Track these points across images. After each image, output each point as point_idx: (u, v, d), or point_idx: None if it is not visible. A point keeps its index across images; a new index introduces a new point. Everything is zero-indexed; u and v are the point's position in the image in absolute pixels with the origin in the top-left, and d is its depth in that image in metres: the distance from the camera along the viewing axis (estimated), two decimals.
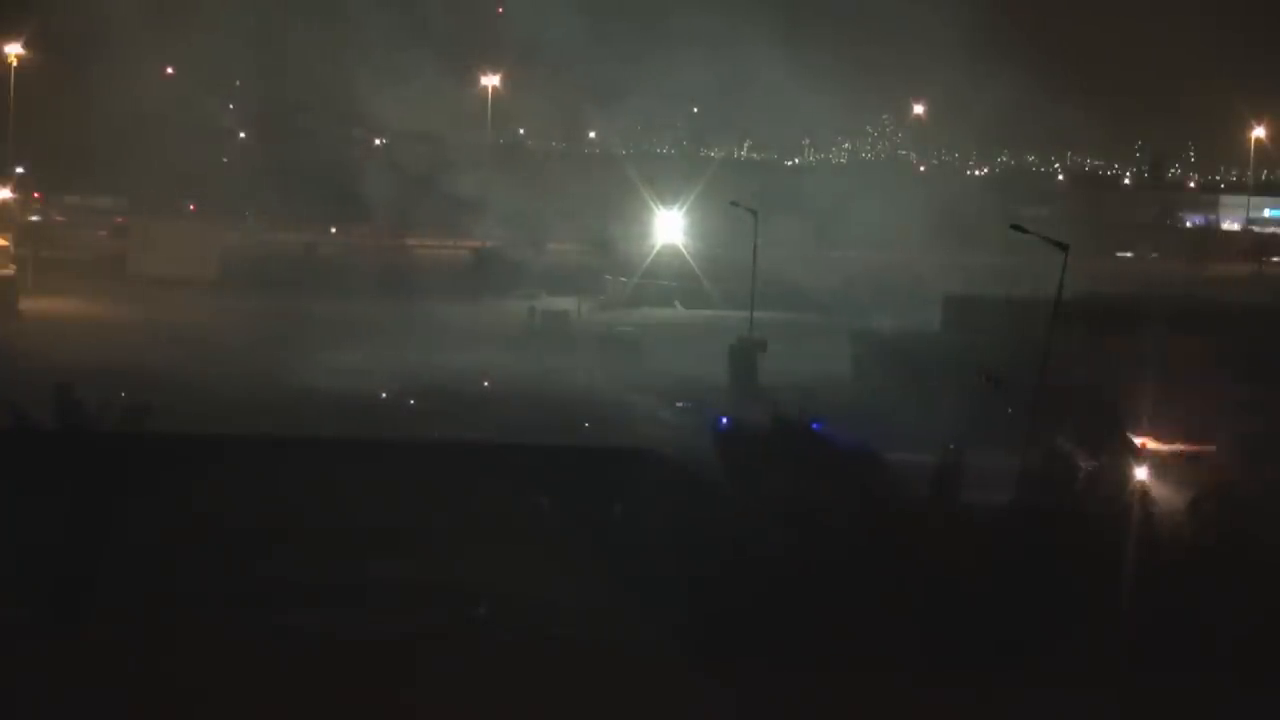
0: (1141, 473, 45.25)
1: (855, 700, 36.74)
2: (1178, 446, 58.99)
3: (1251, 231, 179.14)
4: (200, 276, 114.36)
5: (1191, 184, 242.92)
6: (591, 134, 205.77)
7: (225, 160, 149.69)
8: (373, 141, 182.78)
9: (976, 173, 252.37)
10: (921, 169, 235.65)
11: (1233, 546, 41.17)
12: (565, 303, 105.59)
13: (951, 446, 44.79)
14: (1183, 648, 38.67)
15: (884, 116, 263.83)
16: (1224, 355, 72.56)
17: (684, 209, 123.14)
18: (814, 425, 56.39)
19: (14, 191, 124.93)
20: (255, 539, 45.05)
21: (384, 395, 73.04)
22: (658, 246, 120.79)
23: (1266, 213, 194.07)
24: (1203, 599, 39.66)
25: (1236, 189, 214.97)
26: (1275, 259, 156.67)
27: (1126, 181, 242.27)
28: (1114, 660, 38.49)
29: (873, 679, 37.56)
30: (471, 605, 41.21)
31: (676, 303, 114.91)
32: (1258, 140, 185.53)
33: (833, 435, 55.96)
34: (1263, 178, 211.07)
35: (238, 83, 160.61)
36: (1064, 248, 57.57)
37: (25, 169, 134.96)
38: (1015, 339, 70.17)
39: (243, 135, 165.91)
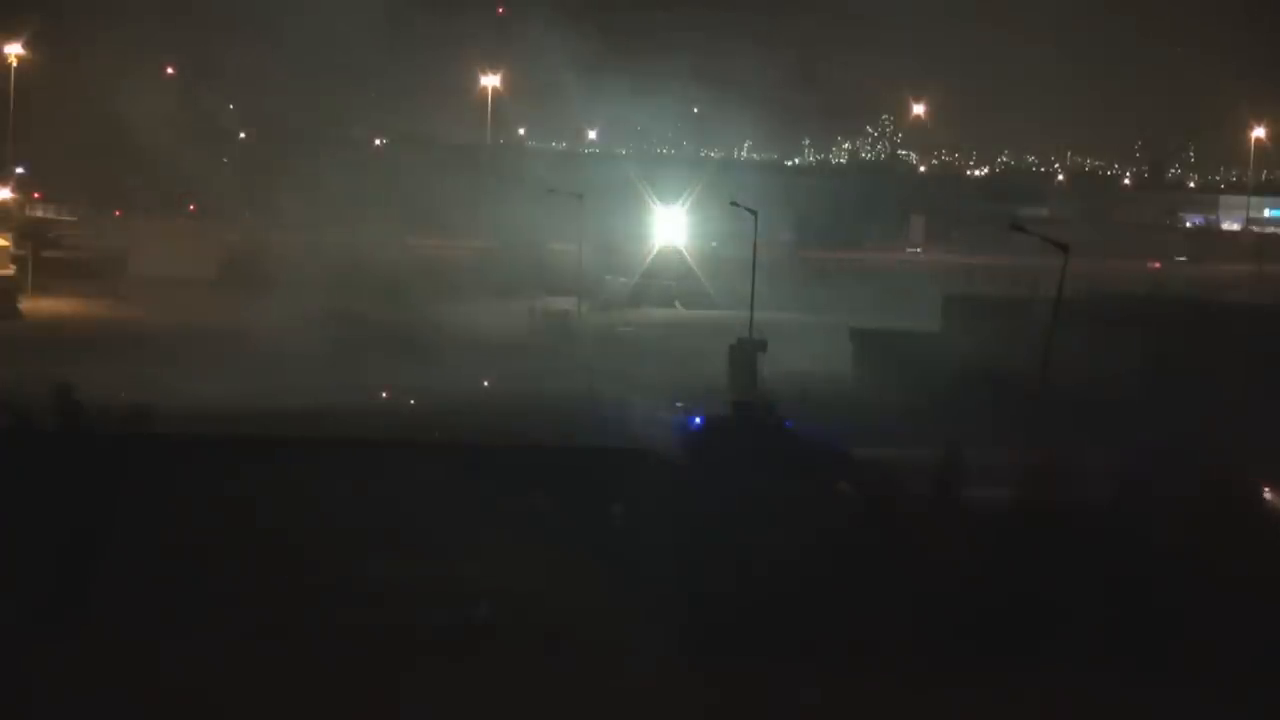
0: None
1: (855, 699, 36.73)
2: None
3: (1251, 231, 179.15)
4: (200, 276, 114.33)
5: (1191, 184, 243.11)
6: (592, 134, 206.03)
7: (225, 160, 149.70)
8: (373, 141, 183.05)
9: (976, 172, 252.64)
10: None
11: (1229, 544, 41.19)
12: (565, 303, 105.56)
13: (951, 443, 44.93)
14: (1182, 646, 38.67)
15: (884, 116, 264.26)
16: None
17: (685, 207, 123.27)
18: (786, 424, 56.66)
19: (14, 191, 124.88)
20: (255, 539, 45.04)
21: (383, 395, 73.09)
22: (658, 246, 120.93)
23: (1266, 213, 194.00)
24: (1202, 597, 39.68)
25: (1237, 189, 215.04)
26: None
27: (1126, 181, 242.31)
28: (1114, 659, 38.50)
29: (872, 678, 37.57)
30: (472, 605, 41.18)
31: (676, 303, 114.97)
32: (1258, 140, 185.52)
33: (803, 433, 56.25)
34: (1263, 178, 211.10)
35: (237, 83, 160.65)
36: (1064, 248, 57.68)
37: (25, 169, 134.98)
38: (1016, 339, 70.44)
39: (243, 135, 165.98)
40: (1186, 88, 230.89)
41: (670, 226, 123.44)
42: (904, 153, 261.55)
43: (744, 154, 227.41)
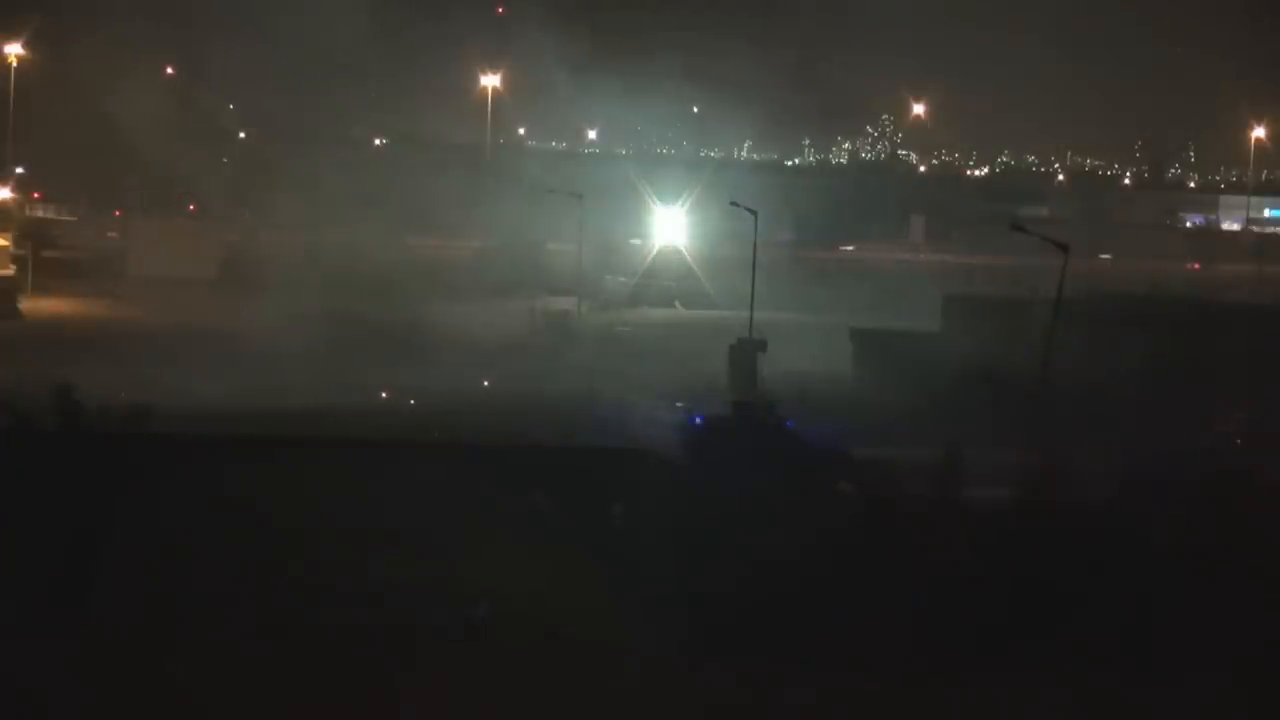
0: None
1: (855, 699, 36.73)
2: None
3: (1251, 231, 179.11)
4: (200, 276, 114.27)
5: (1191, 184, 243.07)
6: (592, 134, 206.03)
7: (225, 160, 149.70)
8: (373, 141, 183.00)
9: (976, 172, 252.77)
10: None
11: (1232, 543, 41.19)
12: (565, 303, 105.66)
13: (951, 443, 44.92)
14: (1182, 646, 38.66)
15: (884, 116, 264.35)
16: None
17: (684, 207, 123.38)
18: (786, 424, 56.60)
19: (14, 191, 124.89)
20: (255, 539, 45.02)
21: (384, 395, 73.12)
22: (658, 246, 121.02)
23: (1266, 213, 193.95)
24: (1202, 597, 39.67)
25: (1237, 189, 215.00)
26: None
27: (1126, 181, 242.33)
28: (1114, 659, 38.50)
29: (872, 678, 37.56)
30: (471, 605, 41.19)
31: (676, 303, 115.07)
32: (1258, 140, 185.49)
33: (803, 433, 56.15)
34: (1263, 178, 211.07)
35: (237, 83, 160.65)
36: (1064, 248, 57.67)
37: (25, 169, 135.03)
38: (1016, 339, 70.47)
39: (242, 135, 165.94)
40: (1186, 88, 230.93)
41: (670, 226, 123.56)
42: (904, 153, 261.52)
43: (743, 154, 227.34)
